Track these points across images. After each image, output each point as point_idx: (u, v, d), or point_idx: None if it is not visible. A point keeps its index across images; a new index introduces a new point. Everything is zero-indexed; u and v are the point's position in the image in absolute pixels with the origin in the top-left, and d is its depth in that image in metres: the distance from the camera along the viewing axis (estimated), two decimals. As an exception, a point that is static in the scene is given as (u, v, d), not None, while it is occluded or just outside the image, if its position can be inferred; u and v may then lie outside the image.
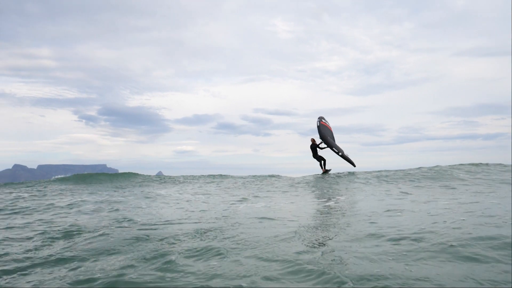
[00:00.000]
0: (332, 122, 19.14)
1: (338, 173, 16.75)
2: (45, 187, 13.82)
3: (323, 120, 18.36)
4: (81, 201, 9.22)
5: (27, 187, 14.12)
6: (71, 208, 8.14)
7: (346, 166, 17.48)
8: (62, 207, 8.30)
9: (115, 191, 12.39)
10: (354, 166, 17.70)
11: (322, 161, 18.20)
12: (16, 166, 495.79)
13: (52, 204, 8.83)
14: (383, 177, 13.41)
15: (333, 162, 17.52)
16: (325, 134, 17.71)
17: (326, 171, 18.15)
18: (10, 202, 9.34)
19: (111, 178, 17.14)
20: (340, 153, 17.27)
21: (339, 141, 18.32)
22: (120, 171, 18.94)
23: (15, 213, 7.80)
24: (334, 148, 17.34)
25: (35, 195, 10.83)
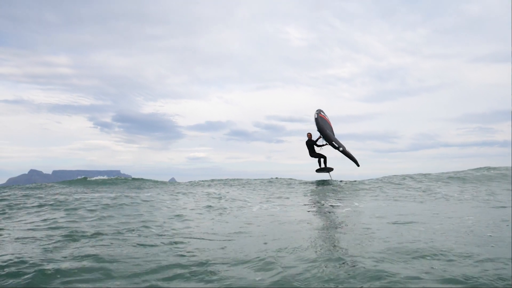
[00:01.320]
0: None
1: (361, 181, 15.03)
2: (53, 187, 13.80)
3: (322, 113, 16.34)
4: (101, 204, 9.06)
5: (39, 188, 14.15)
6: (77, 210, 7.97)
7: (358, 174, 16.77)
8: (74, 208, 8.14)
9: (132, 193, 12.25)
10: (358, 165, 15.39)
11: (322, 159, 16.25)
12: (32, 171, 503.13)
13: (67, 204, 8.69)
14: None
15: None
16: (324, 127, 15.58)
17: (326, 168, 16.25)
18: (33, 201, 9.25)
19: (125, 182, 17.15)
20: (341, 148, 15.13)
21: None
22: (133, 177, 18.91)
23: (40, 210, 7.78)
24: (334, 143, 15.24)
25: (48, 196, 10.76)
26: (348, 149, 15.65)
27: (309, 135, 16.04)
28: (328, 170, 16.30)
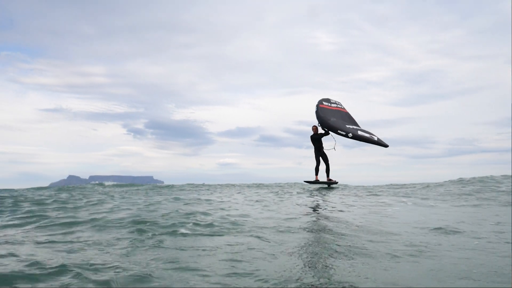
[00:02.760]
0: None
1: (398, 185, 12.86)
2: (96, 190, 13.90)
3: (324, 103, 13.31)
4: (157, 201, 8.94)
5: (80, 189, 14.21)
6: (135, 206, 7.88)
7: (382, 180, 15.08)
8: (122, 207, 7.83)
9: (175, 192, 12.08)
10: (385, 146, 12.24)
11: (325, 166, 13.13)
12: (70, 177, 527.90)
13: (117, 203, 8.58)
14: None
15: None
16: (326, 118, 12.79)
17: (328, 181, 13.14)
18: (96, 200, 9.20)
19: (160, 186, 17.24)
20: (350, 135, 12.07)
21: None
22: (166, 182, 19.30)
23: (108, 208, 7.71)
24: (339, 131, 12.25)
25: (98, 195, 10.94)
26: (363, 132, 12.82)
27: (314, 128, 13.22)
28: (330, 183, 13.24)
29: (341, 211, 7.27)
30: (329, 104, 13.56)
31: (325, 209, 7.75)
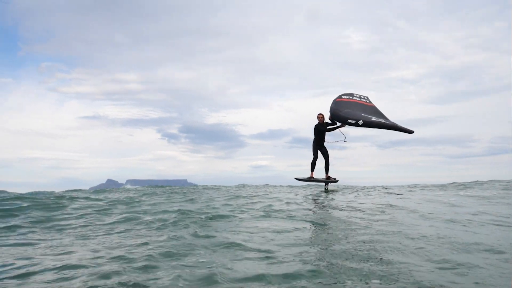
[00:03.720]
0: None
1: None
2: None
3: (343, 97, 11.56)
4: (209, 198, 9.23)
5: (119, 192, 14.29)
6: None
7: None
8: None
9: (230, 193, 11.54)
10: (411, 132, 10.39)
11: (325, 161, 11.46)
12: (108, 181, 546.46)
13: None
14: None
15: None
16: (338, 110, 11.09)
17: (326, 179, 11.52)
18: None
19: (197, 188, 17.12)
20: (360, 122, 10.31)
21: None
22: (200, 185, 19.47)
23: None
24: (349, 120, 10.56)
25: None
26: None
27: (320, 117, 11.40)
28: (328, 181, 11.62)
29: (393, 206, 7.27)
30: (350, 98, 11.76)
31: (381, 199, 7.97)
